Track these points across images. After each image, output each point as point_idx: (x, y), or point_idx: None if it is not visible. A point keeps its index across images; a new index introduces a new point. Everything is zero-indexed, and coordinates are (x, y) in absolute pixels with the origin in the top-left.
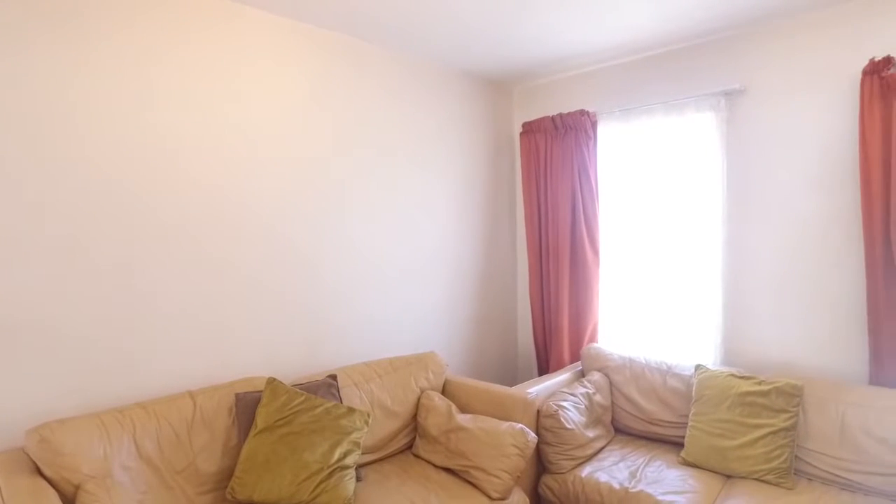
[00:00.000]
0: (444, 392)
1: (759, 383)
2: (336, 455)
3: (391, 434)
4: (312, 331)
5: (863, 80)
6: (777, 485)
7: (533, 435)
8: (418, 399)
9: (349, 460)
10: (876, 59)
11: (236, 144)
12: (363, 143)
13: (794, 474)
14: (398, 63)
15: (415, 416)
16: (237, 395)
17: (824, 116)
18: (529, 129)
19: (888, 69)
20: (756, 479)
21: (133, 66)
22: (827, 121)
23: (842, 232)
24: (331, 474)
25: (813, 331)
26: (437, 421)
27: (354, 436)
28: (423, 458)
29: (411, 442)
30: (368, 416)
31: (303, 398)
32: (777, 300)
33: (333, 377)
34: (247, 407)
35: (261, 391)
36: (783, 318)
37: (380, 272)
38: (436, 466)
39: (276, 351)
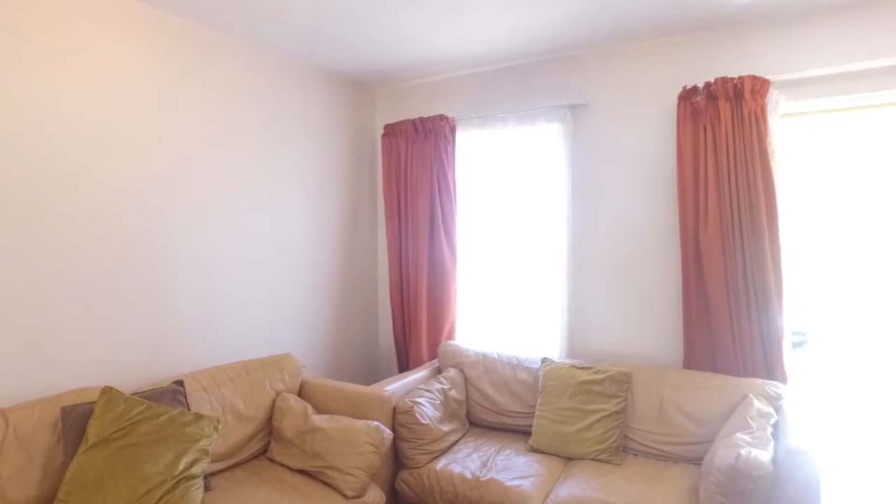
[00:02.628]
0: (300, 394)
1: (596, 372)
2: (182, 465)
3: (244, 439)
4: (158, 335)
5: (678, 105)
6: (609, 462)
7: (388, 432)
8: (273, 402)
9: (196, 469)
10: (687, 87)
11: (70, 137)
12: (215, 139)
13: (623, 451)
14: (253, 58)
15: (270, 420)
16: (64, 408)
17: (651, 133)
18: (391, 131)
19: (695, 97)
20: (592, 459)
21: None
22: (653, 137)
23: (664, 236)
24: (175, 486)
25: (641, 323)
26: (293, 423)
27: (203, 443)
28: (278, 462)
29: (266, 446)
30: (218, 421)
31: (144, 407)
32: (612, 297)
33: (180, 383)
34: (76, 421)
35: (94, 402)
36: (617, 313)
37: (233, 272)
38: (291, 469)
39: (115, 358)
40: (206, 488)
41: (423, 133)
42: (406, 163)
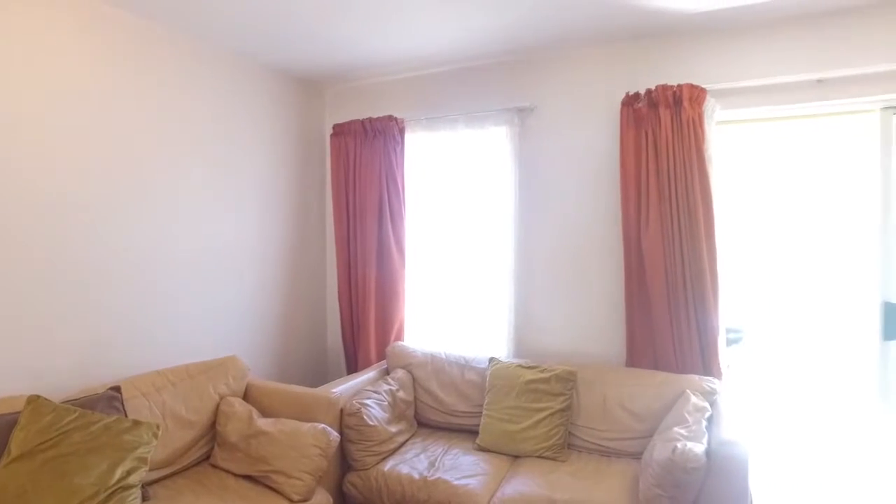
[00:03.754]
0: (246, 397)
1: (542, 371)
2: (117, 475)
3: (186, 445)
4: (94, 340)
5: (621, 110)
6: (554, 459)
7: (335, 434)
8: (217, 406)
9: (133, 479)
10: (630, 94)
11: None
12: (156, 137)
13: (568, 448)
14: (198, 53)
15: (214, 425)
16: None
17: (596, 137)
18: (340, 130)
19: (638, 103)
20: (538, 457)
21: None
22: (598, 141)
23: (608, 237)
24: (109, 497)
25: (586, 323)
26: (237, 427)
27: (140, 451)
28: (221, 468)
29: (210, 452)
30: (158, 427)
31: (76, 415)
32: (558, 297)
33: (117, 389)
34: None
35: (18, 412)
36: (563, 313)
37: (174, 273)
38: (235, 475)
39: (47, 366)
40: (144, 498)
41: (373, 133)
42: (355, 163)
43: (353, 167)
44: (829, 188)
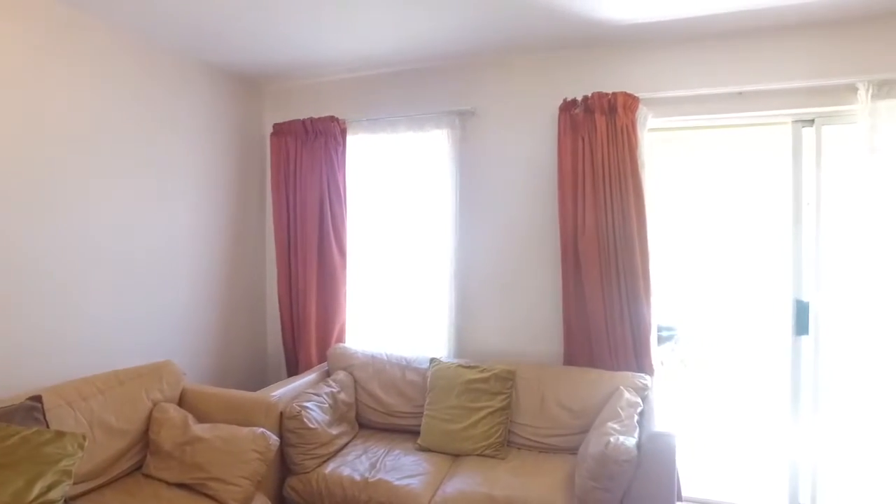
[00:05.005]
0: (181, 403)
1: (482, 371)
2: (36, 490)
3: (116, 455)
4: (11, 349)
5: (559, 116)
6: (494, 456)
7: (274, 438)
8: (150, 413)
9: (55, 494)
10: (568, 100)
11: None
12: (82, 133)
13: (508, 446)
14: (129, 46)
15: (146, 433)
16: None
17: (535, 142)
18: (280, 130)
19: (575, 109)
20: (478, 455)
21: None
22: (537, 145)
23: (547, 239)
24: None
25: (525, 323)
26: (171, 434)
27: (64, 464)
28: (154, 478)
29: (142, 461)
30: (84, 438)
31: None
32: (498, 298)
33: (37, 399)
34: None
35: None
36: (502, 313)
37: (103, 276)
38: (169, 484)
39: None
40: None
41: (314, 134)
42: (296, 163)
43: (294, 168)
44: (750, 194)
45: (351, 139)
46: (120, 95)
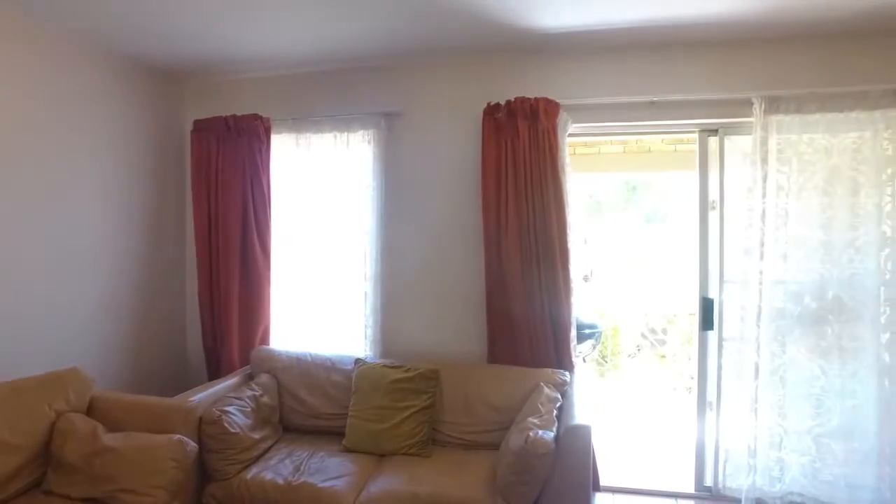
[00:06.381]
0: (90, 412)
1: (407, 371)
2: None
3: (10, 474)
4: None
5: (483, 119)
6: (418, 455)
7: (192, 444)
8: (53, 424)
9: None
10: (492, 104)
11: None
12: None
13: (433, 444)
14: (33, 33)
15: (48, 446)
16: None
17: (461, 144)
18: (201, 127)
19: (498, 113)
20: (403, 454)
21: None
22: (462, 148)
23: (471, 240)
24: None
25: (450, 323)
26: (77, 446)
27: None
28: (56, 494)
29: (42, 477)
30: None
31: None
32: (422, 299)
33: None
34: None
35: None
36: (427, 314)
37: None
38: (74, 500)
39: None
40: None
41: (236, 132)
42: (217, 162)
43: (216, 166)
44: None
45: (275, 138)
46: (20, 84)
